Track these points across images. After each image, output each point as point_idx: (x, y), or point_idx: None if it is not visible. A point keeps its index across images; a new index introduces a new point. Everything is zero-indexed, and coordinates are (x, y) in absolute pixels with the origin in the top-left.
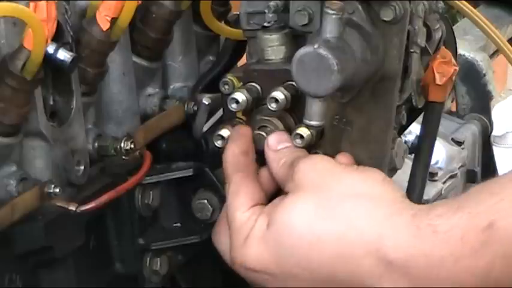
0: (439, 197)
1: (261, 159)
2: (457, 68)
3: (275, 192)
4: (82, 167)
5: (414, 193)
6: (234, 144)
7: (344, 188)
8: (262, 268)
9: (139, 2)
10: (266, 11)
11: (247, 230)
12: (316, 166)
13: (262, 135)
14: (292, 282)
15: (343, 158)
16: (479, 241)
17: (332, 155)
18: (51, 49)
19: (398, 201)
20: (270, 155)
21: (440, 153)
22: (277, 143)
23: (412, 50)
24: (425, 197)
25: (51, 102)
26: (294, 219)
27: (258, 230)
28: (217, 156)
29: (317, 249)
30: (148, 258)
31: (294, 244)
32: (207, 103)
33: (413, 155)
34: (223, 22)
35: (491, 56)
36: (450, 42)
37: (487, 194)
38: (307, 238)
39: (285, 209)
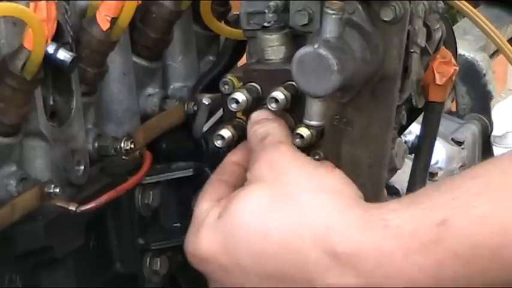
0: None
1: None
2: (457, 68)
3: None
4: (82, 167)
5: None
6: (233, 152)
7: (300, 182)
8: (211, 257)
9: (139, 2)
10: (266, 11)
11: (201, 220)
12: (276, 160)
13: None
14: (240, 273)
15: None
16: (430, 237)
17: (332, 156)
18: (51, 49)
19: (353, 197)
20: (248, 128)
21: (440, 153)
22: (258, 117)
23: (412, 50)
24: None
25: (51, 102)
26: (246, 210)
27: (210, 220)
28: (217, 156)
29: (266, 242)
30: (148, 258)
31: (243, 235)
32: (207, 103)
33: (413, 155)
34: (223, 22)
35: (491, 56)
36: (450, 42)
37: (443, 190)
38: (257, 230)
39: (239, 200)
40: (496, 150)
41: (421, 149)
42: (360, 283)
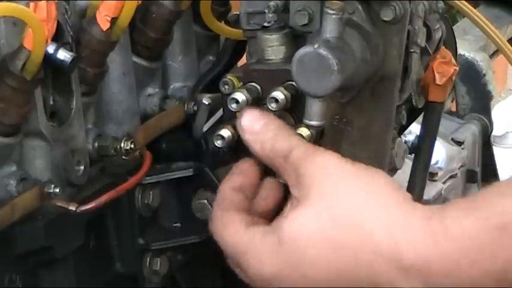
0: (439, 197)
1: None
2: (457, 68)
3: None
4: (82, 167)
5: (414, 193)
6: (232, 178)
7: (354, 196)
8: (282, 279)
9: (139, 2)
10: (266, 11)
11: (256, 249)
12: (326, 170)
13: None
14: None
15: None
16: (493, 243)
17: None
18: (51, 49)
19: (408, 204)
20: (248, 138)
21: (440, 153)
22: (251, 123)
23: (412, 50)
24: (425, 197)
25: (51, 102)
26: (308, 232)
27: (269, 246)
28: (217, 156)
29: (334, 261)
30: (148, 258)
31: (311, 257)
32: (207, 103)
33: (413, 155)
34: (223, 22)
35: (491, 56)
36: (450, 42)
37: (497, 196)
38: (323, 250)
39: (298, 222)
40: (496, 150)
41: (421, 149)
42: None
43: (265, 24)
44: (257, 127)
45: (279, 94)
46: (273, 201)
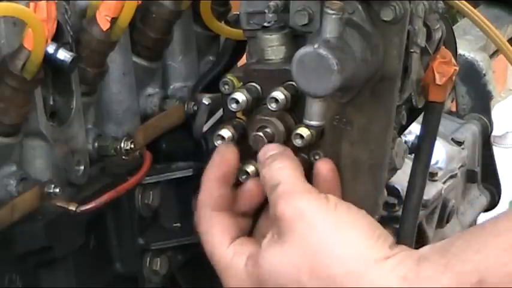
0: (439, 197)
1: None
2: (457, 68)
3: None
4: (82, 167)
5: (414, 193)
6: (215, 168)
7: (334, 251)
8: None
9: (139, 2)
10: (266, 11)
11: (237, 271)
12: (302, 213)
13: (261, 137)
14: None
15: (322, 164)
16: None
17: (332, 156)
18: (51, 49)
19: (387, 260)
20: (260, 167)
21: (440, 153)
22: (265, 155)
23: (412, 50)
24: (425, 197)
25: (51, 102)
26: (286, 281)
27: (249, 275)
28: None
29: None
30: (148, 258)
31: None
32: (207, 103)
33: (413, 155)
34: (223, 22)
35: (491, 56)
36: (450, 42)
37: (471, 251)
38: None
39: (277, 263)
40: (496, 150)
41: (421, 149)
42: None
43: (265, 24)
44: (267, 155)
45: (279, 94)
46: (255, 202)
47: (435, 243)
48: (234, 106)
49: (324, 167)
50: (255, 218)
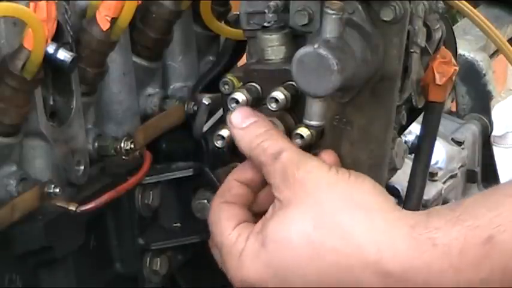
0: (439, 197)
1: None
2: (457, 68)
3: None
4: (82, 167)
5: (414, 193)
6: (243, 170)
7: (339, 200)
8: (262, 283)
9: (139, 2)
10: (266, 11)
11: (238, 251)
12: (314, 176)
13: None
14: None
15: (326, 155)
16: (478, 254)
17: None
18: (51, 49)
19: (393, 211)
20: (236, 133)
21: (440, 153)
22: (241, 120)
23: (412, 50)
24: (425, 197)
25: (51, 102)
26: (291, 234)
27: (251, 250)
28: (217, 156)
29: (316, 264)
30: (148, 258)
31: (292, 259)
32: (207, 103)
33: (413, 155)
34: (223, 22)
35: (491, 56)
36: (450, 42)
37: (483, 208)
38: (305, 253)
39: (282, 224)
40: (496, 150)
41: (421, 149)
42: None
43: (265, 24)
44: (247, 123)
45: (279, 94)
46: (256, 182)
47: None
48: (234, 106)
49: (327, 158)
50: None
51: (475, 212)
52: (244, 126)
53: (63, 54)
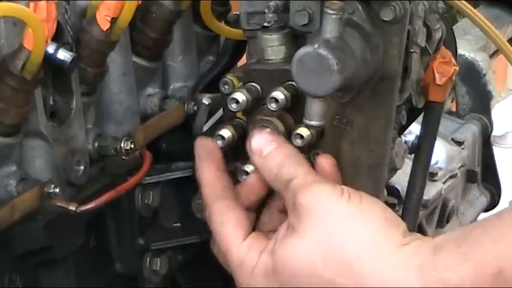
0: (439, 197)
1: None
2: (457, 68)
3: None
4: (82, 167)
5: (414, 193)
6: (205, 163)
7: (349, 237)
8: None
9: (139, 2)
10: (266, 11)
11: (250, 267)
12: (322, 202)
13: None
14: None
15: (323, 159)
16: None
17: (332, 155)
18: (51, 49)
19: (402, 247)
20: (257, 162)
21: (440, 153)
22: (261, 148)
23: (412, 50)
24: (425, 197)
25: (51, 102)
26: (301, 266)
27: (263, 269)
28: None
29: None
30: (148, 258)
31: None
32: (207, 103)
33: (413, 155)
34: (223, 22)
35: (491, 56)
36: (450, 42)
37: (489, 241)
38: (314, 284)
39: (292, 254)
40: (496, 150)
41: (421, 149)
42: None
43: (265, 24)
44: (266, 151)
45: (279, 94)
46: (258, 196)
47: (448, 232)
48: (234, 106)
49: (325, 162)
50: (257, 214)
51: (482, 246)
52: (264, 154)
53: (63, 54)
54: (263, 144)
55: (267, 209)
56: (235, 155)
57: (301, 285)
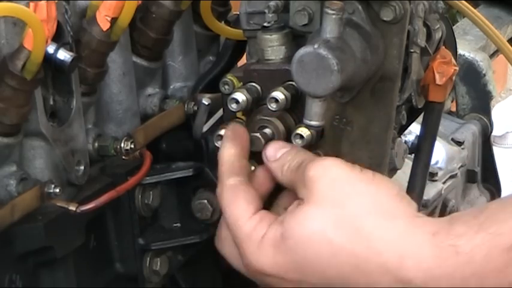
0: (439, 197)
1: (257, 160)
2: (457, 68)
3: (272, 191)
4: (82, 167)
5: (414, 193)
6: (230, 143)
7: (361, 203)
8: (280, 274)
9: (139, 2)
10: (266, 11)
11: (258, 238)
12: (330, 174)
13: (258, 137)
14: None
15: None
16: (502, 261)
17: (332, 155)
18: (51, 49)
19: (416, 217)
20: (272, 166)
21: (440, 153)
22: (275, 153)
23: (412, 50)
24: (425, 197)
25: (51, 102)
26: (312, 233)
27: (272, 239)
28: (217, 156)
29: (335, 265)
30: (148, 258)
31: (312, 257)
32: (207, 103)
33: (413, 155)
34: (223, 22)
35: (491, 56)
36: (450, 42)
37: (506, 214)
38: (325, 251)
39: (302, 221)
40: (496, 150)
41: (421, 149)
42: None
43: (265, 24)
44: (279, 154)
45: (279, 94)
46: (265, 190)
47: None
48: (234, 106)
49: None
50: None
51: (498, 219)
52: (278, 156)
53: (63, 54)
54: (275, 149)
55: (274, 208)
56: None
57: (311, 253)
